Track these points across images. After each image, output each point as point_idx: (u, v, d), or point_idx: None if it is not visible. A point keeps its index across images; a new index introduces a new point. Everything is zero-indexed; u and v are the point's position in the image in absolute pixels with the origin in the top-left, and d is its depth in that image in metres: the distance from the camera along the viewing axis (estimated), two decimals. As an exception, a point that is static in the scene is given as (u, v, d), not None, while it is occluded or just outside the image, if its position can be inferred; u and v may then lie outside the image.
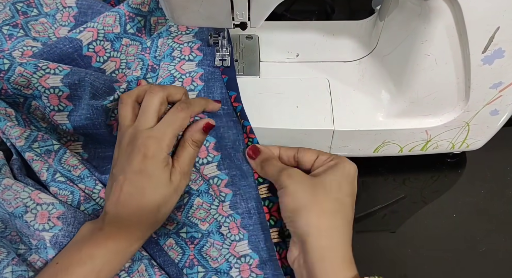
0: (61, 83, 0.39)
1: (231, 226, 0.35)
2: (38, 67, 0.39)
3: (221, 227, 0.35)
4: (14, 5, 0.46)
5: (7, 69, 0.38)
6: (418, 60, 0.36)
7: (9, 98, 0.40)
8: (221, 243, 0.35)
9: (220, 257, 0.35)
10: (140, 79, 0.42)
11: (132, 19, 0.44)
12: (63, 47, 0.42)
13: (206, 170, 0.36)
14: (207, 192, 0.36)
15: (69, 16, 0.47)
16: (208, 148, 0.36)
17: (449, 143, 0.43)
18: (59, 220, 0.33)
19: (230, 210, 0.36)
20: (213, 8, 0.33)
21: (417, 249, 0.41)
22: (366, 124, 0.41)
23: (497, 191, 0.45)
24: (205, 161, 0.36)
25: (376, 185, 0.46)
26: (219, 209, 0.36)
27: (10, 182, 0.34)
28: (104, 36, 0.43)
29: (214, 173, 0.36)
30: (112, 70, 0.44)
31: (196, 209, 0.35)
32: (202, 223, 0.35)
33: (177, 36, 0.43)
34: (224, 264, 0.35)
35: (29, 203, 0.33)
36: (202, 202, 0.35)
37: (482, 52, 0.34)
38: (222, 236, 0.35)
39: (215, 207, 0.36)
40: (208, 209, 0.36)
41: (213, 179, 0.36)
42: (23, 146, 0.37)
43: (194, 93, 0.39)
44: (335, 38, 0.46)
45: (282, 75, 0.44)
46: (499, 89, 0.37)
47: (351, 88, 0.43)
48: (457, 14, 0.32)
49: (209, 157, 0.36)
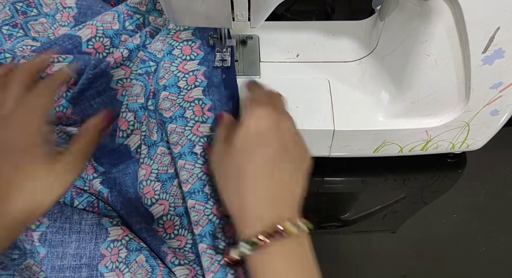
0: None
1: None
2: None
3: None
4: (13, 5, 0.46)
5: (9, 63, 0.39)
6: (418, 60, 0.36)
7: None
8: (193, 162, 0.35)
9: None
10: (143, 105, 0.41)
11: (130, 17, 0.45)
12: (62, 44, 0.42)
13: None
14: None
15: (69, 17, 0.47)
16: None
17: (449, 143, 0.43)
18: (45, 217, 0.33)
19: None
20: (213, 8, 0.33)
21: (417, 249, 0.41)
22: (366, 124, 0.41)
23: (497, 191, 0.45)
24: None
25: (376, 185, 0.46)
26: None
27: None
28: (103, 33, 0.43)
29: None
30: (119, 78, 0.44)
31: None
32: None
33: (175, 33, 0.43)
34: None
35: None
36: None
37: (482, 52, 0.34)
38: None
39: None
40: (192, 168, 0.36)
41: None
42: None
43: (200, 89, 0.39)
44: (335, 38, 0.46)
45: (282, 75, 0.44)
46: (499, 89, 0.37)
47: (351, 88, 0.43)
48: (457, 14, 0.32)
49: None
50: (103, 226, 0.35)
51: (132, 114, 0.40)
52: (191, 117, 0.38)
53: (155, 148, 0.39)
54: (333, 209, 0.44)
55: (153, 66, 0.42)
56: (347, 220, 0.44)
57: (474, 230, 0.43)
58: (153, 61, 0.42)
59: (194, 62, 0.41)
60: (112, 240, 0.34)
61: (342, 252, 0.41)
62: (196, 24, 0.35)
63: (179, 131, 0.37)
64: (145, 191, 0.38)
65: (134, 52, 0.42)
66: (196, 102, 0.38)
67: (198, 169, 0.36)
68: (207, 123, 0.37)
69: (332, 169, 0.47)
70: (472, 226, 0.43)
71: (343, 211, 0.45)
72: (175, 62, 0.40)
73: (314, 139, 0.42)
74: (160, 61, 0.41)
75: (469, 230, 0.43)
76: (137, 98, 0.41)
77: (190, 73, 0.40)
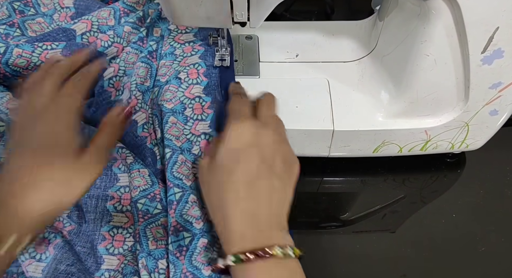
0: (61, 56, 0.40)
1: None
2: (35, 45, 0.40)
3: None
4: (11, 4, 0.46)
5: (3, 52, 0.39)
6: (418, 60, 0.36)
7: (7, 80, 0.41)
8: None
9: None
10: (150, 88, 0.41)
11: (126, 14, 0.45)
12: (56, 36, 0.42)
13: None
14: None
15: (66, 17, 0.47)
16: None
17: (449, 143, 0.43)
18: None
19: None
20: (213, 8, 0.33)
21: (416, 249, 0.41)
22: (365, 124, 0.41)
23: (496, 191, 0.46)
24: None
25: (375, 185, 0.46)
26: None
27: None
28: (98, 28, 0.43)
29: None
30: (112, 56, 0.44)
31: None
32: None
33: (177, 35, 0.43)
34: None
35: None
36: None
37: (482, 52, 0.34)
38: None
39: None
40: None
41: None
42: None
43: (201, 87, 0.39)
44: (335, 38, 0.46)
45: (282, 75, 0.44)
46: (498, 89, 0.37)
47: (350, 88, 0.43)
48: (457, 14, 0.32)
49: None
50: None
51: (140, 94, 0.41)
52: (191, 115, 0.38)
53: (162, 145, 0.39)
54: (332, 209, 0.44)
55: (153, 44, 0.43)
56: (346, 220, 0.44)
57: (474, 230, 0.43)
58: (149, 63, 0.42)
59: (195, 56, 0.41)
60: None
61: (341, 252, 0.41)
62: (195, 24, 0.35)
63: (180, 127, 0.37)
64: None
65: (147, 94, 0.42)
66: (197, 100, 0.38)
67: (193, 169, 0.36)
68: (206, 120, 0.37)
69: (332, 169, 0.47)
70: (471, 226, 0.43)
71: (343, 211, 0.45)
72: (176, 60, 0.41)
73: (313, 139, 0.42)
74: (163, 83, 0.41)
75: (469, 230, 0.43)
76: (144, 80, 0.41)
77: (191, 66, 0.40)
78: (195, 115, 0.38)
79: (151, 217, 0.35)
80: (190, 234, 0.33)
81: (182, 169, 0.36)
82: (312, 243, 0.41)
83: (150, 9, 0.45)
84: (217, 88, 0.39)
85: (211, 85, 0.39)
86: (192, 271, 0.32)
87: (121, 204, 0.36)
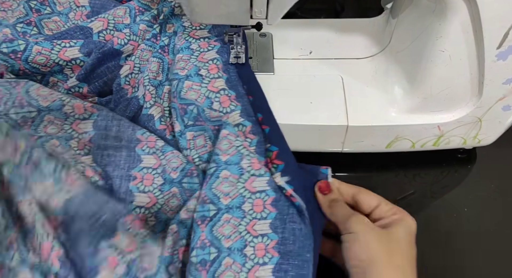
0: (80, 54, 0.42)
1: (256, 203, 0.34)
2: (54, 43, 0.41)
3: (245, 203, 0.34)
4: (28, 3, 0.47)
5: (23, 49, 0.40)
6: (432, 56, 0.37)
7: (26, 77, 0.42)
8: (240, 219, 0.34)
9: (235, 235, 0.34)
10: (163, 82, 0.42)
11: (142, 13, 0.46)
12: (73, 34, 0.43)
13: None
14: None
15: (82, 15, 0.48)
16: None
17: (461, 139, 0.44)
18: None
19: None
20: (232, 5, 0.33)
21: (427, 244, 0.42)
22: (379, 119, 0.41)
23: (507, 186, 0.46)
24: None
25: (386, 181, 0.47)
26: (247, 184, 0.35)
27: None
28: (114, 26, 0.44)
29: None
30: (128, 53, 0.45)
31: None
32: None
33: (191, 31, 0.43)
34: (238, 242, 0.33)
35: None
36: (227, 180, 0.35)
37: (497, 48, 0.34)
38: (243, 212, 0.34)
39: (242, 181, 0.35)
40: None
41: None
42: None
43: (223, 80, 0.40)
44: (348, 36, 0.46)
45: (296, 72, 0.44)
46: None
47: (364, 84, 0.43)
48: (473, 10, 0.32)
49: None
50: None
51: (153, 89, 0.41)
52: (219, 108, 0.38)
53: (183, 137, 0.39)
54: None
55: (165, 40, 0.44)
56: (359, 215, 0.44)
57: (485, 225, 0.43)
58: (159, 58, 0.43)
59: (212, 51, 0.41)
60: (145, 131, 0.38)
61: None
62: (214, 21, 0.36)
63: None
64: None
65: (160, 88, 0.42)
66: (222, 93, 0.39)
67: (239, 142, 0.36)
68: (236, 110, 0.37)
69: (342, 165, 0.47)
70: (482, 220, 0.44)
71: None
72: (193, 55, 0.41)
73: (327, 135, 0.42)
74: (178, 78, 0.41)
75: (480, 224, 0.43)
76: (156, 75, 0.42)
77: (210, 62, 0.41)
78: (223, 108, 0.38)
79: (194, 192, 0.36)
80: (216, 208, 0.33)
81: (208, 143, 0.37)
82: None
83: (164, 7, 0.46)
84: (238, 82, 0.40)
85: (231, 80, 0.40)
86: (211, 239, 0.32)
87: (143, 184, 0.36)
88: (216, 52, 0.41)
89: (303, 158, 0.45)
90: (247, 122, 0.37)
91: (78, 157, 0.37)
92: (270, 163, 0.36)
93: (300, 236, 0.32)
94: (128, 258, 0.31)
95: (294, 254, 0.32)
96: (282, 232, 0.33)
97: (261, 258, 0.32)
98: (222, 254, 0.32)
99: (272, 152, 0.36)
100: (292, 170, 0.35)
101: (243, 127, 0.37)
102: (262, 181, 0.34)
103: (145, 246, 0.32)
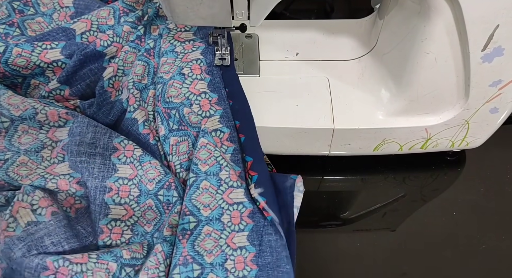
0: (61, 56, 0.41)
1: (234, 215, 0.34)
2: (35, 45, 0.40)
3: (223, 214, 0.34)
4: (10, 4, 0.46)
5: (2, 51, 0.40)
6: (418, 58, 0.36)
7: (7, 80, 0.41)
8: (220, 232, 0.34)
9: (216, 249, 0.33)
10: (148, 86, 0.42)
11: (126, 14, 0.45)
12: (55, 35, 0.42)
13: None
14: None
15: (66, 16, 0.47)
16: (222, 140, 0.37)
17: (449, 141, 0.43)
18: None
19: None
20: (213, 7, 0.33)
21: (417, 247, 0.42)
22: (366, 122, 0.41)
23: (496, 188, 0.46)
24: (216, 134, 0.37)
25: (376, 184, 0.46)
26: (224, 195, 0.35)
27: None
28: (97, 27, 0.44)
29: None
30: (112, 55, 0.44)
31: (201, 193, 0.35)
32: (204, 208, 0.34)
33: (176, 33, 0.43)
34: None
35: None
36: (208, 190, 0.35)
37: (482, 50, 0.34)
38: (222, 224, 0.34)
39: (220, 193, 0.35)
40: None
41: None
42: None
43: (205, 83, 0.39)
44: (335, 37, 0.46)
45: (282, 73, 0.44)
46: (498, 87, 0.37)
47: (350, 86, 0.43)
48: (457, 12, 0.32)
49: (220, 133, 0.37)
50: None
51: (138, 92, 0.41)
52: (198, 112, 0.38)
53: (167, 142, 0.39)
54: (333, 208, 0.44)
55: (151, 42, 0.43)
56: (347, 219, 0.44)
57: (474, 228, 0.43)
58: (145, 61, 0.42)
59: (197, 52, 0.41)
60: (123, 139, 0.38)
61: (342, 250, 0.41)
62: (195, 23, 0.35)
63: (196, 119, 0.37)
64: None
65: (144, 92, 0.42)
66: (203, 96, 0.38)
67: (216, 153, 0.36)
68: (216, 115, 0.37)
69: (332, 168, 0.47)
70: (471, 224, 0.43)
71: (343, 210, 0.45)
72: (178, 57, 0.41)
73: (313, 138, 0.42)
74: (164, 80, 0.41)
75: (469, 228, 0.43)
76: (142, 78, 0.42)
77: (194, 61, 0.40)
78: (203, 112, 0.37)
79: (174, 206, 0.35)
80: (196, 220, 0.33)
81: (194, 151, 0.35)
82: (312, 242, 0.41)
83: (149, 8, 0.45)
84: (221, 85, 0.39)
85: (214, 82, 0.39)
86: (193, 255, 0.32)
87: (119, 196, 0.36)
88: (200, 53, 0.41)
89: (290, 162, 0.45)
90: (226, 129, 0.37)
91: (52, 167, 0.36)
92: (247, 173, 0.36)
93: (277, 247, 0.32)
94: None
95: (272, 266, 0.32)
96: (260, 245, 0.33)
97: (241, 271, 0.32)
98: (206, 270, 0.32)
99: (247, 162, 0.36)
100: (265, 180, 0.35)
101: (221, 133, 0.37)
102: (239, 193, 0.34)
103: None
